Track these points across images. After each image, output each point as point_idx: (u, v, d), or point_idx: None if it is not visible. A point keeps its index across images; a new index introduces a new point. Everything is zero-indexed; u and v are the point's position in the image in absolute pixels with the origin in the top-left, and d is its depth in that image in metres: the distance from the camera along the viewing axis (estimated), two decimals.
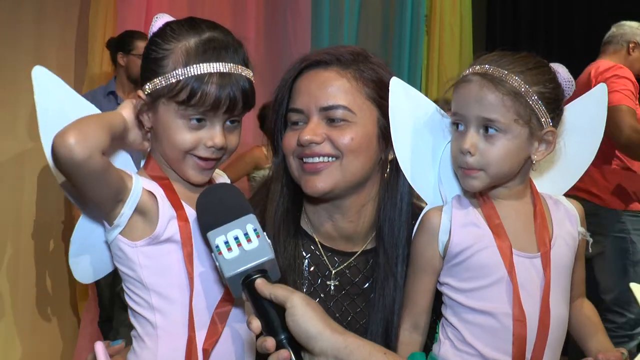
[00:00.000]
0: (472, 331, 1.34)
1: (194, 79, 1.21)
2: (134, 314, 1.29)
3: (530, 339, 1.31)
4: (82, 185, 1.17)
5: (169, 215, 1.25)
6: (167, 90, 1.23)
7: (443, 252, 1.37)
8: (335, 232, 1.56)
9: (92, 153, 1.12)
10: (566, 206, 1.43)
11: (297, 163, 1.50)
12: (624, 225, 3.53)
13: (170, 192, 1.28)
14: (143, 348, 1.26)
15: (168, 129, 1.25)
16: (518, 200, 1.39)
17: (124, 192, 1.21)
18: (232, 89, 1.23)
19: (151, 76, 1.25)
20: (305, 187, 1.49)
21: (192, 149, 1.26)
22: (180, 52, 1.23)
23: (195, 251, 1.26)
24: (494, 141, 1.31)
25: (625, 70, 3.48)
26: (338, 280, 1.55)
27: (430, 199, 1.46)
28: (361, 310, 1.54)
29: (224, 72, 1.23)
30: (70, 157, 1.10)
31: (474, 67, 1.34)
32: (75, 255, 1.39)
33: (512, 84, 1.29)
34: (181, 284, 1.25)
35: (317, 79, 1.49)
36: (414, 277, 1.42)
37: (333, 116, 1.46)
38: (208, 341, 1.25)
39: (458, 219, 1.36)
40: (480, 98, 1.30)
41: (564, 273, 1.37)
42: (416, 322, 1.41)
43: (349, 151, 1.46)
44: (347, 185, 1.49)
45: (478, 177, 1.33)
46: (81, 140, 1.10)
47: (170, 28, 1.28)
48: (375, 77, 1.50)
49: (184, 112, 1.23)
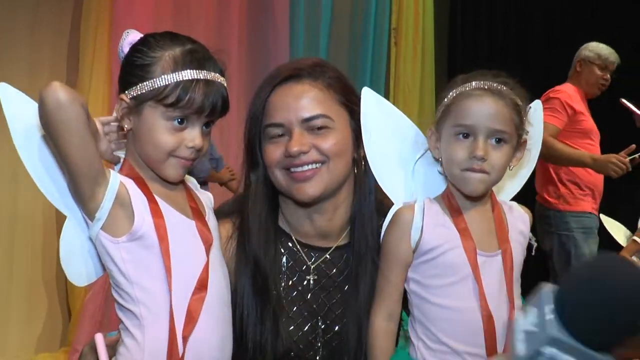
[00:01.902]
0: (442, 328, 1.38)
1: (182, 84, 1.27)
2: (120, 307, 1.32)
3: (500, 328, 1.37)
4: (63, 140, 1.20)
5: (143, 210, 1.29)
6: (155, 94, 1.28)
7: (414, 247, 1.41)
8: (312, 231, 1.60)
9: (74, 98, 1.18)
10: (519, 211, 1.51)
11: (283, 174, 1.53)
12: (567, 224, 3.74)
13: (143, 187, 1.31)
14: (131, 339, 1.29)
15: (152, 130, 1.30)
16: (481, 206, 1.45)
17: (101, 176, 1.25)
18: (215, 95, 1.30)
19: (137, 81, 1.29)
20: (297, 195, 1.52)
21: (174, 149, 1.31)
22: (168, 59, 1.29)
23: (170, 245, 1.29)
24: (501, 150, 1.39)
25: (556, 91, 3.72)
26: (315, 274, 1.59)
27: (398, 199, 1.50)
28: (337, 301, 1.58)
29: (209, 80, 1.30)
30: (56, 98, 1.16)
31: (476, 83, 1.39)
32: (66, 259, 1.39)
33: (514, 99, 1.38)
34: (160, 276, 1.28)
35: (291, 92, 1.52)
36: (388, 271, 1.44)
37: (314, 125, 1.50)
38: (186, 328, 1.28)
39: (430, 219, 1.42)
40: (494, 112, 1.37)
41: (517, 269, 1.44)
42: (390, 312, 1.45)
43: (334, 155, 1.51)
44: (334, 186, 1.53)
45: (484, 180, 1.39)
46: (66, 88, 1.18)
47: (153, 39, 1.33)
48: (341, 83, 1.55)
49: (171, 114, 1.28)
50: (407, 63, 5.04)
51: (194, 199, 1.43)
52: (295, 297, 1.58)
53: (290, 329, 1.55)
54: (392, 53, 5.06)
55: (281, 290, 1.57)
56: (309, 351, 1.56)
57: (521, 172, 1.59)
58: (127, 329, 1.30)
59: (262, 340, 1.51)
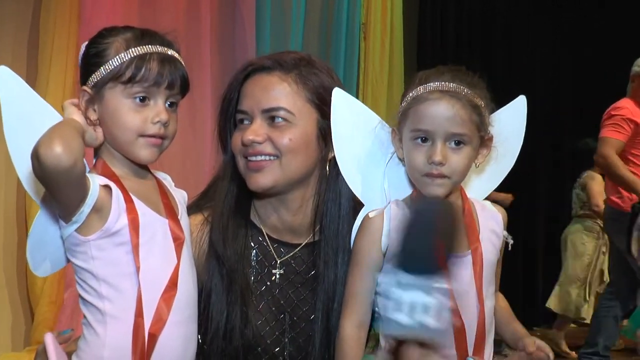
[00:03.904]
0: None
1: (136, 59, 1.28)
2: (84, 302, 1.30)
3: (470, 330, 1.36)
4: (59, 190, 1.19)
5: (121, 208, 1.27)
6: (112, 75, 1.28)
7: (385, 253, 1.39)
8: (280, 225, 1.59)
9: (77, 159, 1.15)
10: (491, 210, 1.48)
11: (243, 161, 1.54)
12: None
13: (120, 187, 1.29)
14: (92, 334, 1.27)
15: (116, 112, 1.29)
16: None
17: (86, 191, 1.23)
18: (171, 67, 1.31)
19: (94, 69, 1.29)
20: (249, 184, 1.53)
21: (141, 128, 1.29)
22: (120, 40, 1.30)
23: (142, 242, 1.28)
24: (461, 152, 1.35)
25: (618, 108, 3.85)
26: (283, 270, 1.58)
27: (369, 201, 1.49)
28: (304, 298, 1.57)
29: (163, 53, 1.30)
30: (58, 165, 1.12)
31: (432, 85, 1.36)
32: (32, 249, 1.39)
33: (473, 99, 1.35)
34: (130, 273, 1.27)
35: (260, 82, 1.52)
36: (359, 277, 1.41)
37: (273, 117, 1.50)
38: (154, 326, 1.27)
39: (395, 223, 1.38)
40: (452, 115, 1.33)
41: (490, 268, 1.42)
42: (361, 320, 1.41)
43: (288, 151, 1.50)
44: (287, 182, 1.52)
45: (444, 184, 1.36)
46: (67, 148, 1.13)
47: (105, 30, 1.34)
48: (316, 82, 1.53)
49: (130, 90, 1.28)
50: (376, 58, 5.05)
51: (168, 196, 1.41)
52: (264, 292, 1.57)
53: (258, 323, 1.54)
54: (361, 48, 5.05)
55: (251, 284, 1.56)
56: (276, 346, 1.55)
57: (494, 169, 1.55)
58: (89, 324, 1.28)
59: (229, 327, 1.51)
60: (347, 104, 1.51)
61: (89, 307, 1.29)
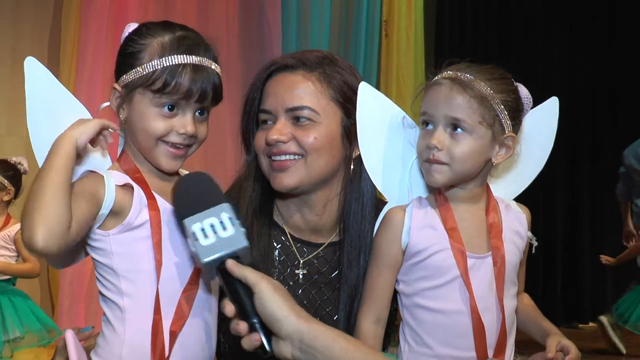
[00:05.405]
0: (427, 331, 1.35)
1: (168, 69, 1.24)
2: (103, 298, 1.29)
3: (490, 331, 1.33)
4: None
5: (142, 204, 1.26)
6: (143, 80, 1.25)
7: (404, 250, 1.38)
8: (303, 225, 1.57)
9: (60, 243, 1.13)
10: (516, 210, 1.46)
11: (267, 161, 1.52)
12: None
13: (142, 184, 1.28)
14: (111, 331, 1.26)
15: (142, 117, 1.27)
16: (474, 205, 1.40)
17: (100, 205, 1.22)
18: (204, 80, 1.26)
19: (128, 69, 1.27)
20: (273, 184, 1.51)
21: (164, 135, 1.27)
22: (156, 45, 1.26)
23: (164, 238, 1.26)
24: (460, 139, 1.33)
25: None
26: (306, 270, 1.56)
27: (393, 198, 1.47)
28: (328, 298, 1.55)
29: (197, 64, 1.26)
30: (46, 251, 1.13)
31: (444, 73, 1.36)
32: None
33: (479, 88, 1.32)
34: (150, 269, 1.25)
35: (284, 81, 1.51)
36: (377, 273, 1.41)
37: (298, 116, 1.48)
38: (175, 324, 1.25)
39: (417, 221, 1.37)
40: (449, 99, 1.32)
41: (511, 270, 1.39)
42: (379, 316, 1.41)
43: (313, 150, 1.48)
44: (312, 181, 1.50)
45: (442, 170, 1.34)
46: (47, 236, 1.11)
47: (145, 27, 1.31)
48: (340, 80, 1.52)
49: (159, 100, 1.25)
50: (401, 55, 5.07)
51: None
52: None
53: None
54: (383, 45, 5.07)
55: None
56: None
57: (521, 171, 1.52)
58: (109, 321, 1.27)
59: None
60: (373, 98, 1.49)
61: (109, 303, 1.28)
